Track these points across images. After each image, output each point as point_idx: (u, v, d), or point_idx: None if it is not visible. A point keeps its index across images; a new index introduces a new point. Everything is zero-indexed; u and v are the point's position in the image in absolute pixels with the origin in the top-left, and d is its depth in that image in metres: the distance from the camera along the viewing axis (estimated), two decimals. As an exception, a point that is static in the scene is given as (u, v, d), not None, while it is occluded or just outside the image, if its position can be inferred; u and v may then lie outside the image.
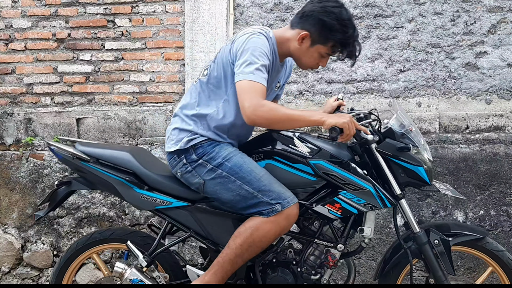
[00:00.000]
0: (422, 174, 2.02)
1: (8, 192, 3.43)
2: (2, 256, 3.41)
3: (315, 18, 1.95)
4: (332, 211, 1.99)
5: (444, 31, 3.23)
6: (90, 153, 2.14)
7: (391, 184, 2.01)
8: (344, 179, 1.97)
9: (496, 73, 3.19)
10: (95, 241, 2.27)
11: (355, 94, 3.30)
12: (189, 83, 3.38)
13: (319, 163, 1.97)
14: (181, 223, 2.11)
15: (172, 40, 3.45)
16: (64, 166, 3.37)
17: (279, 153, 2.03)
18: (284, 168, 2.02)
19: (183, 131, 2.05)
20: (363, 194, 1.97)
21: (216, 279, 1.98)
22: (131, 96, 3.50)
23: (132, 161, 2.12)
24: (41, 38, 3.54)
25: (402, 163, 2.01)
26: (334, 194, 1.99)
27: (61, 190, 2.23)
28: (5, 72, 3.58)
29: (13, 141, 3.54)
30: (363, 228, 2.03)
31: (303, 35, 1.97)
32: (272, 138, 2.08)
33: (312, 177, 2.00)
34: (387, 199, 1.99)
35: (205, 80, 2.06)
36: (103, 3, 3.48)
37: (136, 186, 2.09)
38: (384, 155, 2.02)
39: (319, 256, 2.09)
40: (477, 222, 3.07)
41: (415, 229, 2.04)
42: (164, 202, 2.08)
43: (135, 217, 3.30)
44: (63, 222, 3.37)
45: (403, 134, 2.05)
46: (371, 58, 3.29)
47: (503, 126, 3.20)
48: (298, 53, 2.03)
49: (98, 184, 2.17)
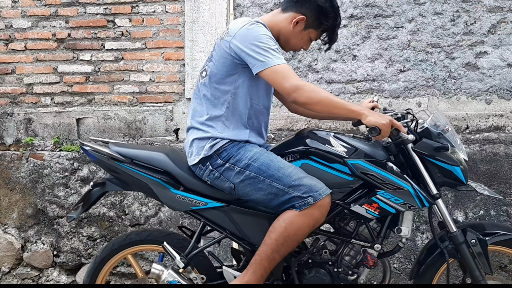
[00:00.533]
0: (458, 174, 2.01)
1: (8, 192, 3.43)
2: (2, 256, 3.41)
3: (314, 3, 2.01)
4: (370, 211, 1.97)
5: (444, 31, 3.23)
6: (124, 153, 2.12)
7: (428, 184, 1.99)
8: (382, 178, 1.95)
9: (496, 73, 3.19)
10: (131, 241, 2.24)
11: (355, 94, 3.30)
12: (189, 83, 3.39)
13: (357, 162, 1.96)
14: (216, 224, 2.10)
15: (172, 40, 3.45)
16: (65, 166, 3.37)
17: (315, 153, 2.01)
18: (321, 168, 2.00)
19: (203, 140, 2.03)
20: (401, 193, 1.95)
21: (255, 278, 1.96)
22: (131, 96, 3.50)
23: (168, 161, 2.10)
24: (41, 38, 3.54)
25: (439, 162, 2.00)
26: (372, 194, 1.97)
27: (95, 191, 2.21)
28: (5, 72, 3.58)
29: (13, 141, 3.54)
30: (401, 228, 2.01)
31: (300, 18, 2.01)
32: (308, 137, 2.06)
33: (349, 177, 1.98)
34: (425, 199, 1.97)
35: (206, 81, 2.05)
36: (103, 3, 3.48)
37: (172, 187, 2.08)
38: (420, 155, 2.01)
39: (355, 256, 2.08)
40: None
41: (451, 229, 2.02)
42: (200, 202, 2.06)
43: (135, 217, 3.30)
44: (63, 222, 3.37)
45: (439, 134, 2.04)
46: (371, 58, 3.29)
47: (503, 126, 3.20)
48: (288, 35, 2.06)
49: (133, 184, 2.15)
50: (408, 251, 3.08)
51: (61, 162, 3.38)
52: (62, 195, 3.37)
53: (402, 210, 1.99)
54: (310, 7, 2.01)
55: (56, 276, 3.42)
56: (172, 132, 3.45)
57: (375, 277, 3.05)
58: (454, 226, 2.03)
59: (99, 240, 3.35)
